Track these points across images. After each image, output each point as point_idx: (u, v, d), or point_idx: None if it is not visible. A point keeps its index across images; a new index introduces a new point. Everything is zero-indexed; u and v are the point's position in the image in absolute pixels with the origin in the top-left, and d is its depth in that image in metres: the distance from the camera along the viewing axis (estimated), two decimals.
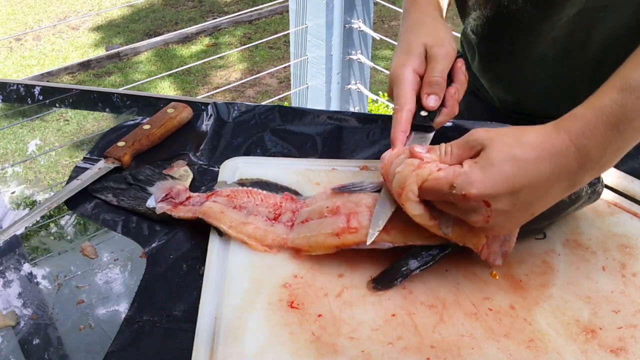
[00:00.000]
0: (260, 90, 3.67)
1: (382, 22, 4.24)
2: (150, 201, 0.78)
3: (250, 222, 0.72)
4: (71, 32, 4.29)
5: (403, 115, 0.73)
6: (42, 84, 1.11)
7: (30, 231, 0.80)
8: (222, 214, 0.72)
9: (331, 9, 2.20)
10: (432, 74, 0.74)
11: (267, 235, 0.71)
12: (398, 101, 0.74)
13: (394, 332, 0.62)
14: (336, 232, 0.67)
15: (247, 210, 0.73)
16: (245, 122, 0.96)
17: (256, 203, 0.74)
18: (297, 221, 0.71)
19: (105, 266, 0.74)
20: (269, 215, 0.73)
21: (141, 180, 0.82)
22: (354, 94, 2.48)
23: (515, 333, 0.62)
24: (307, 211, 0.71)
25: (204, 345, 0.60)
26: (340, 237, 0.67)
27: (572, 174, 0.58)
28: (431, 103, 0.74)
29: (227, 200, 0.74)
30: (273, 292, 0.66)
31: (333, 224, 0.68)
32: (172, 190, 0.79)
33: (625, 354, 0.60)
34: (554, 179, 0.58)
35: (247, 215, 0.73)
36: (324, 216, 0.69)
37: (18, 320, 0.67)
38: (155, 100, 1.05)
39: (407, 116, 0.73)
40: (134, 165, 0.86)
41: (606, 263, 0.70)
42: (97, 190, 0.82)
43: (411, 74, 0.74)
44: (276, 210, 0.73)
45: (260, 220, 0.72)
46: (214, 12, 4.50)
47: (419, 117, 0.74)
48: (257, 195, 0.75)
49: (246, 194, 0.75)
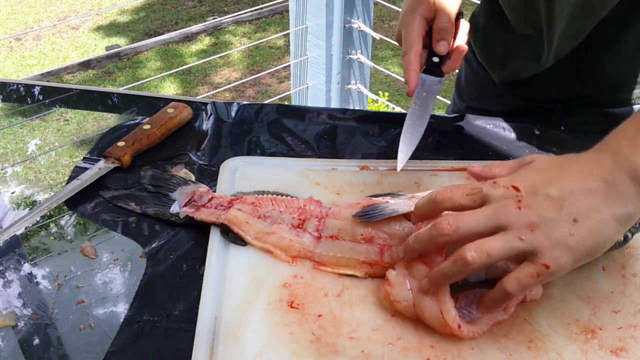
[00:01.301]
0: (260, 90, 3.67)
1: (382, 22, 4.24)
2: (174, 207, 0.78)
3: (274, 231, 0.71)
4: (71, 31, 4.29)
5: (411, 55, 0.78)
6: (42, 84, 1.11)
7: (30, 231, 0.80)
8: (248, 224, 0.72)
9: (331, 8, 2.20)
10: (441, 21, 0.79)
11: (292, 245, 0.70)
12: (406, 44, 0.79)
13: (394, 332, 0.62)
14: (369, 261, 0.68)
15: (271, 219, 0.72)
16: (245, 121, 0.96)
17: (280, 210, 0.73)
18: (325, 234, 0.70)
19: (105, 266, 0.74)
20: (293, 222, 0.72)
21: (162, 187, 0.82)
22: (354, 93, 2.48)
23: (515, 333, 0.62)
24: (336, 226, 0.70)
25: (204, 345, 0.60)
26: (373, 268, 0.67)
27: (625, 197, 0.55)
28: (442, 48, 0.80)
29: (252, 208, 0.74)
30: (273, 292, 0.66)
31: (367, 253, 0.68)
32: (195, 193, 0.79)
33: (625, 354, 0.60)
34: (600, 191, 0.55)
35: (271, 225, 0.72)
36: (358, 242, 0.69)
37: (18, 320, 0.67)
38: (155, 100, 1.05)
39: (417, 56, 0.78)
40: (144, 169, 0.85)
41: (606, 263, 0.70)
42: (119, 198, 0.81)
43: (419, 19, 0.79)
44: (300, 215, 0.72)
45: (285, 228, 0.71)
46: (214, 11, 4.50)
47: (431, 62, 0.81)
48: (282, 202, 0.74)
49: (270, 201, 0.74)
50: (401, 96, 3.39)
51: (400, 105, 3.07)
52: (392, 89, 3.43)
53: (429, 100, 0.80)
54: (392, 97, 2.95)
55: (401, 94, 3.40)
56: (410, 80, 0.78)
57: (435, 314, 0.60)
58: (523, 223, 0.55)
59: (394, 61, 3.76)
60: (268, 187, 0.79)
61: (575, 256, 0.55)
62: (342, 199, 0.78)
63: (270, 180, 0.81)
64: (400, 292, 0.63)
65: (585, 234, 0.55)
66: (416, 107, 0.80)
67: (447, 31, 0.79)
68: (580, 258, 0.56)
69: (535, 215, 0.55)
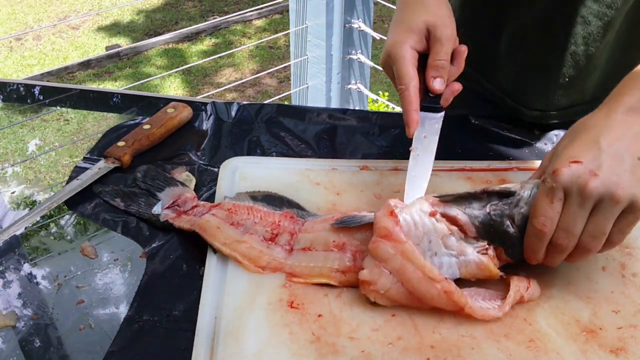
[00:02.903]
0: (260, 90, 3.67)
1: (382, 22, 4.23)
2: (157, 208, 0.78)
3: (245, 240, 0.70)
4: (71, 31, 4.28)
5: (411, 92, 0.72)
6: (42, 84, 1.11)
7: (30, 231, 0.80)
8: (218, 230, 0.71)
9: (331, 8, 2.20)
10: (438, 57, 0.73)
11: (261, 256, 0.69)
12: (402, 80, 0.73)
13: (394, 332, 0.62)
14: (342, 269, 0.67)
15: (244, 227, 0.72)
16: (245, 121, 0.96)
17: (255, 221, 0.72)
18: (297, 247, 0.70)
19: (105, 266, 0.74)
20: (265, 235, 0.71)
21: (151, 185, 0.82)
22: (354, 93, 2.48)
23: (515, 333, 0.62)
24: (308, 239, 0.70)
25: (204, 345, 0.60)
26: (347, 275, 0.67)
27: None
28: (437, 86, 0.74)
29: (227, 214, 0.73)
30: (273, 292, 0.66)
31: (340, 260, 0.67)
32: (180, 197, 0.78)
33: (625, 354, 0.60)
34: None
35: (242, 234, 0.71)
36: (330, 249, 0.68)
37: (18, 320, 0.67)
38: (155, 100, 1.05)
39: (416, 92, 0.72)
40: (141, 166, 0.85)
41: (606, 263, 0.70)
42: (107, 193, 0.81)
43: (410, 51, 0.73)
44: (274, 229, 0.71)
45: (256, 239, 0.71)
46: (214, 11, 4.50)
47: (428, 98, 0.74)
48: (257, 212, 0.73)
49: (247, 210, 0.74)
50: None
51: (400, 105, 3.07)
52: (392, 89, 3.43)
53: (430, 144, 0.74)
54: (392, 97, 2.95)
55: None
56: (411, 121, 0.72)
57: (420, 277, 0.62)
58: (611, 187, 0.58)
59: None
60: (268, 187, 0.79)
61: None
62: (342, 199, 0.78)
63: (270, 180, 0.81)
64: (384, 281, 0.63)
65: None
66: (418, 153, 0.74)
67: (444, 68, 0.73)
68: None
69: (614, 173, 0.59)
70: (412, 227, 0.64)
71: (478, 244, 0.65)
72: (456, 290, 0.62)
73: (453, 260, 0.64)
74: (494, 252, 0.65)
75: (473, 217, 0.65)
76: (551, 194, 0.61)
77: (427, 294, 0.62)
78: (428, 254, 0.64)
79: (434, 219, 0.65)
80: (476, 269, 0.64)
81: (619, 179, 0.58)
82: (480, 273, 0.64)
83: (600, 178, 0.58)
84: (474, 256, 0.64)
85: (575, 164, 0.60)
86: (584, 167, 0.59)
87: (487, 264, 0.64)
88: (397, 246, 0.63)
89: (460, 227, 0.65)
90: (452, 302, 0.62)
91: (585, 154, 0.60)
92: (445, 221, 0.65)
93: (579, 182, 0.59)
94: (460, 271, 0.64)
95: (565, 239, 0.61)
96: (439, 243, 0.64)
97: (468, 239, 0.65)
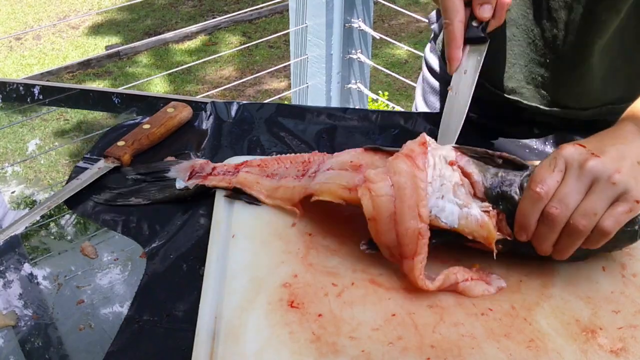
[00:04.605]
0: (260, 90, 3.67)
1: (382, 22, 4.24)
2: (179, 183, 0.79)
3: (281, 184, 0.74)
4: (71, 31, 4.28)
5: (455, 27, 0.71)
6: (42, 83, 1.11)
7: (30, 231, 0.80)
8: (258, 184, 0.75)
9: (331, 8, 2.20)
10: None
11: (295, 191, 0.72)
12: (448, 13, 0.71)
13: (394, 332, 0.62)
14: (349, 187, 0.68)
15: (278, 176, 0.75)
16: (245, 121, 0.96)
17: (286, 166, 0.76)
18: (322, 169, 0.72)
19: (105, 266, 0.74)
20: (297, 174, 0.74)
21: (154, 172, 0.82)
22: (354, 93, 2.48)
23: (515, 333, 0.62)
24: (332, 161, 0.72)
25: (204, 345, 0.60)
26: (351, 193, 0.67)
27: None
28: (485, 13, 0.72)
29: (259, 170, 0.76)
30: (273, 292, 0.66)
31: (350, 178, 0.68)
32: (195, 166, 0.80)
33: (625, 354, 0.60)
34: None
35: (278, 181, 0.75)
36: (345, 169, 0.70)
37: (18, 320, 0.67)
38: (155, 100, 1.05)
39: (460, 28, 0.71)
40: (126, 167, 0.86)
41: (606, 263, 0.70)
42: (116, 198, 0.81)
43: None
44: (305, 167, 0.75)
45: (290, 180, 0.74)
46: (214, 11, 4.50)
47: (472, 28, 0.73)
48: (286, 159, 0.77)
49: (275, 161, 0.77)
50: (401, 95, 3.39)
51: (400, 105, 3.07)
52: (392, 88, 3.43)
53: (469, 80, 0.73)
54: (392, 97, 2.95)
55: (401, 93, 3.40)
56: (453, 59, 0.72)
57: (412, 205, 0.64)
58: (610, 167, 0.60)
59: (395, 61, 3.76)
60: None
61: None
62: None
63: None
64: (382, 187, 0.64)
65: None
66: (455, 92, 0.73)
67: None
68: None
69: (614, 161, 0.61)
70: (432, 166, 0.66)
71: (483, 204, 0.66)
72: (425, 238, 0.63)
73: (456, 209, 0.65)
74: (497, 216, 0.66)
75: (485, 179, 0.67)
76: (553, 163, 0.63)
77: (404, 223, 0.63)
78: (436, 194, 0.65)
79: (452, 168, 0.67)
80: (475, 224, 0.65)
81: (619, 166, 0.61)
82: (479, 231, 0.65)
83: (601, 160, 0.61)
84: (476, 211, 0.65)
85: (580, 146, 0.63)
86: (587, 150, 0.62)
87: (487, 223, 0.65)
88: (412, 168, 0.64)
89: (472, 183, 0.67)
90: (413, 246, 0.63)
91: (589, 143, 0.64)
92: (461, 173, 0.67)
93: (580, 158, 0.62)
94: (459, 222, 0.65)
95: (557, 209, 0.61)
96: (450, 189, 0.66)
97: (475, 198, 0.67)
